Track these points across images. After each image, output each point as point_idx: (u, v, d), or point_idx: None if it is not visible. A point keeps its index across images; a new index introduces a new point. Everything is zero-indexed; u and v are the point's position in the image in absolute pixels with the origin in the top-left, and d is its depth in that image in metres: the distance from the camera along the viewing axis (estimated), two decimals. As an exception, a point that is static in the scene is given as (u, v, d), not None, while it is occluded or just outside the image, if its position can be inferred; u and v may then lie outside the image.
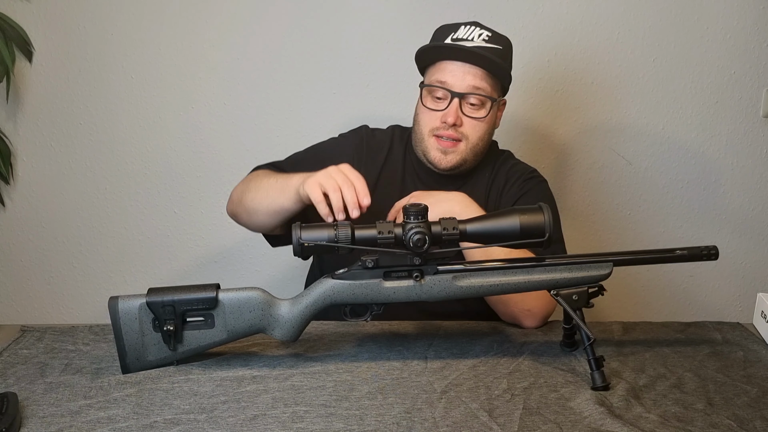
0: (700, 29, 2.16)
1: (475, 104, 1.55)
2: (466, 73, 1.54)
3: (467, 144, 1.57)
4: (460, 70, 1.54)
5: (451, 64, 1.55)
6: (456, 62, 1.55)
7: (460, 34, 1.56)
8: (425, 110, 1.58)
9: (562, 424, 1.08)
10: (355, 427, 1.07)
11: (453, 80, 1.54)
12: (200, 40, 2.15)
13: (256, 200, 1.51)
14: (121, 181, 2.23)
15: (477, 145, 1.58)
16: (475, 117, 1.56)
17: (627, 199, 2.27)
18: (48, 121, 2.20)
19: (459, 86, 1.54)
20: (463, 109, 1.55)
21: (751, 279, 2.33)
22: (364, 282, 1.25)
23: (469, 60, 1.54)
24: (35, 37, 2.13)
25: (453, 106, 1.54)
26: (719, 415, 1.12)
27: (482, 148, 1.60)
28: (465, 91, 1.54)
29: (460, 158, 1.57)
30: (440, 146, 1.57)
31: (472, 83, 1.54)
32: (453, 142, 1.56)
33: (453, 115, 1.54)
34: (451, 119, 1.54)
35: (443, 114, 1.55)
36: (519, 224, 1.23)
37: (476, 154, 1.60)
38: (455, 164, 1.58)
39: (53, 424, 1.07)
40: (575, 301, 1.24)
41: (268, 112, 2.20)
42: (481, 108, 1.56)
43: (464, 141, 1.56)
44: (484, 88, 1.55)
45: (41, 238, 2.27)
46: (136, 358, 1.25)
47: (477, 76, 1.54)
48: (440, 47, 1.56)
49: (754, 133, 2.24)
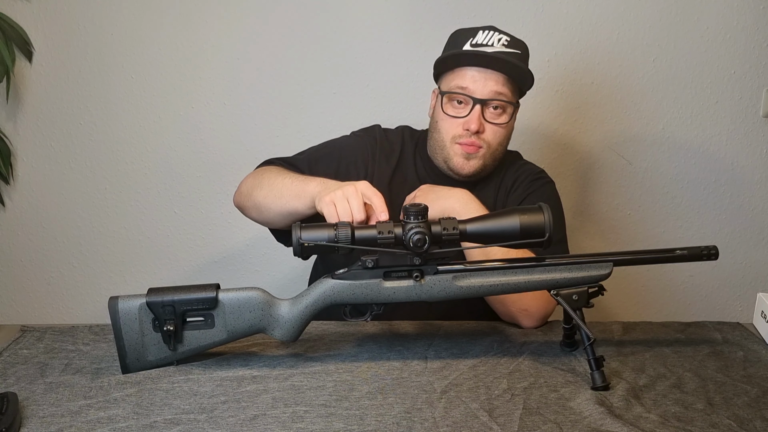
0: (700, 29, 2.16)
1: (497, 109, 1.54)
2: (488, 78, 1.52)
3: (488, 150, 1.56)
4: (481, 75, 1.52)
5: (471, 70, 1.53)
6: (477, 68, 1.53)
7: (479, 39, 1.53)
8: (446, 117, 1.56)
9: (562, 424, 1.08)
10: (355, 427, 1.07)
11: (474, 86, 1.52)
12: (200, 40, 2.15)
13: (268, 198, 1.49)
14: (121, 181, 2.24)
15: (497, 151, 1.58)
16: (497, 123, 1.54)
17: (627, 199, 2.27)
18: (48, 121, 2.20)
19: (481, 92, 1.52)
20: (485, 115, 1.53)
21: (751, 279, 2.33)
22: (364, 282, 1.25)
23: (492, 66, 1.52)
24: (35, 37, 2.13)
25: (475, 113, 1.52)
26: (719, 415, 1.12)
27: (501, 153, 1.60)
28: (487, 97, 1.52)
29: (481, 163, 1.56)
30: (464, 152, 1.55)
31: (494, 89, 1.52)
32: (475, 147, 1.54)
33: (476, 122, 1.52)
34: (474, 126, 1.52)
35: (465, 121, 1.53)
36: (519, 224, 1.23)
37: (495, 159, 1.59)
38: (477, 170, 1.57)
39: (53, 424, 1.07)
40: (575, 301, 1.24)
41: (268, 112, 2.20)
42: (502, 114, 1.55)
43: (485, 147, 1.55)
44: (506, 94, 1.54)
45: (41, 238, 2.27)
46: (136, 358, 1.25)
47: (499, 82, 1.52)
48: (462, 54, 1.54)
49: (754, 132, 2.24)
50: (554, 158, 2.22)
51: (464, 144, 1.54)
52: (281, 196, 1.46)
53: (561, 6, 2.14)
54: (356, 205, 1.30)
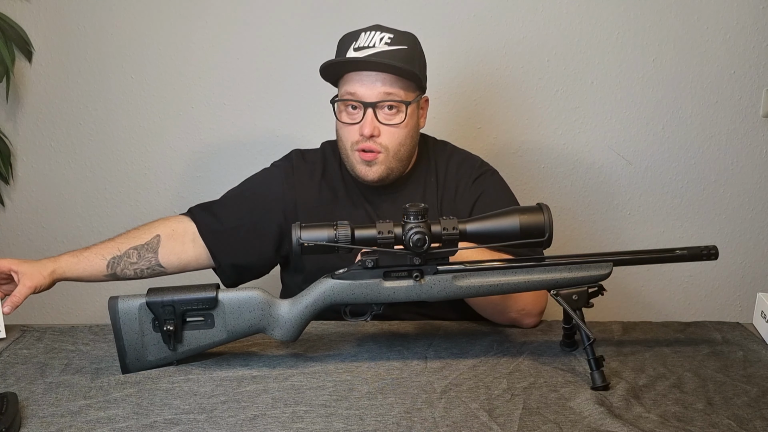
0: (700, 29, 2.16)
1: (391, 110, 1.51)
2: (375, 80, 1.48)
3: (388, 154, 1.51)
4: (368, 79, 1.48)
5: (357, 75, 1.49)
6: (362, 72, 1.49)
7: (361, 42, 1.50)
8: (342, 125, 1.53)
9: (562, 424, 1.08)
10: (355, 427, 1.07)
11: (363, 90, 1.49)
12: (200, 40, 2.15)
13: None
14: (121, 181, 2.24)
15: (399, 152, 1.53)
16: (392, 124, 1.50)
17: (627, 199, 2.27)
18: (48, 121, 2.20)
19: (370, 95, 1.48)
20: (378, 117, 1.50)
21: (751, 279, 2.33)
22: (364, 282, 1.25)
23: (373, 68, 1.48)
24: (35, 37, 2.13)
25: (368, 117, 1.49)
26: (719, 414, 1.12)
27: (406, 153, 1.55)
28: (377, 100, 1.48)
29: (384, 168, 1.52)
30: (363, 159, 1.52)
31: (381, 90, 1.48)
32: (374, 154, 1.51)
33: (369, 126, 1.48)
34: (368, 130, 1.48)
35: (359, 126, 1.50)
36: (519, 224, 1.23)
37: (400, 160, 1.54)
38: (381, 175, 1.52)
39: (53, 424, 1.07)
40: (575, 301, 1.24)
41: (267, 112, 2.20)
42: (397, 114, 1.51)
43: (384, 152, 1.51)
44: (396, 93, 1.49)
45: (41, 238, 2.27)
46: (136, 358, 1.25)
47: (386, 82, 1.48)
48: (342, 62, 1.51)
49: (754, 133, 2.24)
50: (554, 158, 2.22)
51: (361, 150, 1.51)
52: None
53: (561, 6, 2.14)
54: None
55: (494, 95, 2.18)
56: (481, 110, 2.19)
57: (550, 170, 2.22)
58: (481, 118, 2.19)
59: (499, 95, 2.18)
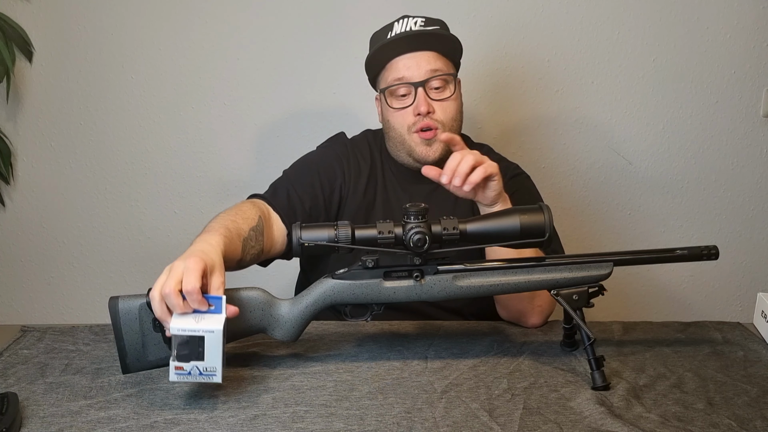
0: (700, 29, 2.17)
1: (439, 87, 1.55)
2: (419, 59, 1.53)
3: (444, 129, 1.54)
4: (412, 60, 1.54)
5: (401, 59, 1.54)
6: (405, 55, 1.54)
7: (396, 30, 1.55)
8: (394, 112, 1.56)
9: (562, 424, 1.08)
10: (356, 427, 1.07)
11: (409, 72, 1.53)
12: (201, 40, 2.15)
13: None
14: (121, 181, 2.24)
15: (453, 127, 1.57)
16: (443, 98, 1.55)
17: (627, 199, 2.27)
18: (48, 121, 2.20)
19: (417, 75, 1.53)
20: (429, 95, 1.54)
21: (751, 279, 2.33)
22: (365, 282, 1.25)
23: (417, 46, 1.53)
24: (35, 37, 2.13)
25: (420, 96, 1.53)
26: (719, 414, 1.12)
27: (458, 128, 1.60)
28: (425, 78, 1.53)
29: (443, 145, 1.54)
30: (422, 139, 1.54)
31: (428, 68, 1.53)
32: (433, 131, 1.54)
33: (424, 103, 1.52)
34: (424, 108, 1.52)
35: (413, 107, 1.53)
36: (519, 224, 1.23)
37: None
38: (441, 153, 1.54)
39: (53, 425, 1.07)
40: (575, 301, 1.24)
41: (268, 111, 2.20)
42: (445, 88, 1.55)
43: (441, 128, 1.54)
44: (441, 68, 1.54)
45: (41, 238, 2.27)
46: (137, 358, 1.25)
47: (430, 60, 1.53)
48: (386, 45, 1.55)
49: (754, 133, 2.24)
50: (554, 158, 2.22)
51: (420, 130, 1.53)
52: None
53: (561, 6, 2.14)
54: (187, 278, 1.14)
55: (494, 95, 2.18)
56: (481, 110, 2.19)
57: (550, 170, 2.22)
58: (481, 117, 2.19)
59: (499, 95, 2.18)
